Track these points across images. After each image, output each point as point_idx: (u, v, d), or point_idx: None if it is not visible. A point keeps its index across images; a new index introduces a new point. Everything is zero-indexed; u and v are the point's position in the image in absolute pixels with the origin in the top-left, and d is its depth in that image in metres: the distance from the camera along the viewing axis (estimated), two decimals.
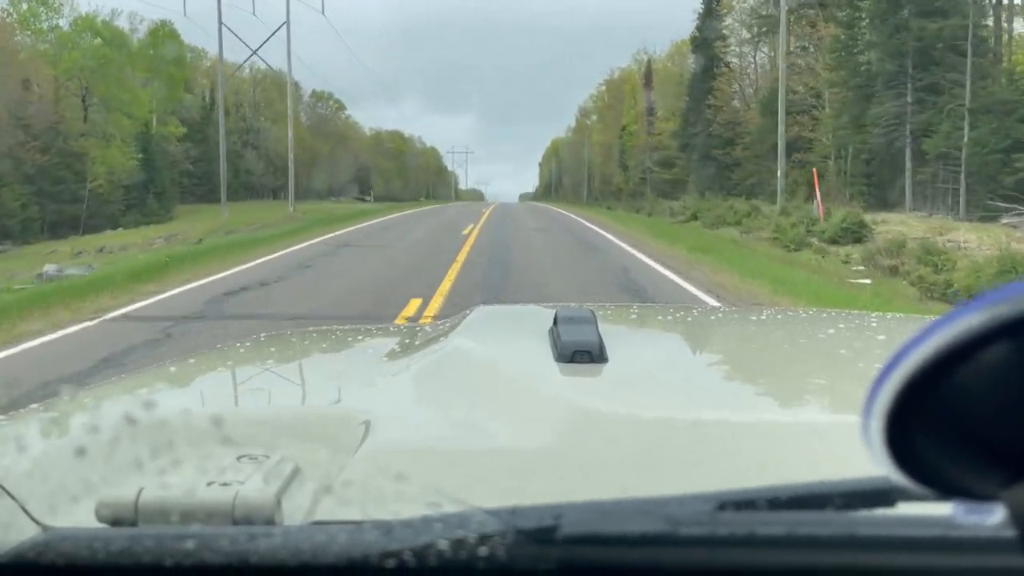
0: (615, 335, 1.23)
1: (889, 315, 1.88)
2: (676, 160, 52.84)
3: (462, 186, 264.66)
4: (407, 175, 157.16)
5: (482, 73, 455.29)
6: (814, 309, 2.37)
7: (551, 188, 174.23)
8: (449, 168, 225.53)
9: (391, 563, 0.53)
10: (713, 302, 10.15)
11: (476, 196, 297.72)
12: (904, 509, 0.53)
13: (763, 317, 1.90)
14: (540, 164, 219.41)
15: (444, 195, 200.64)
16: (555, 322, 1.22)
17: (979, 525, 0.43)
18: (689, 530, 0.53)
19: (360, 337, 1.61)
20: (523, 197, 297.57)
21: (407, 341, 1.42)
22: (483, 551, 0.53)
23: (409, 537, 0.53)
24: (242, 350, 1.50)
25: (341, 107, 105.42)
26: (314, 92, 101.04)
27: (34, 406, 1.10)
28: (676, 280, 12.66)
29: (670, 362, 1.36)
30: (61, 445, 0.83)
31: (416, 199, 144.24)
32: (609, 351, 1.11)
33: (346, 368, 1.39)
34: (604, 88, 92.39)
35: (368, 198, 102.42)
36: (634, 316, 1.90)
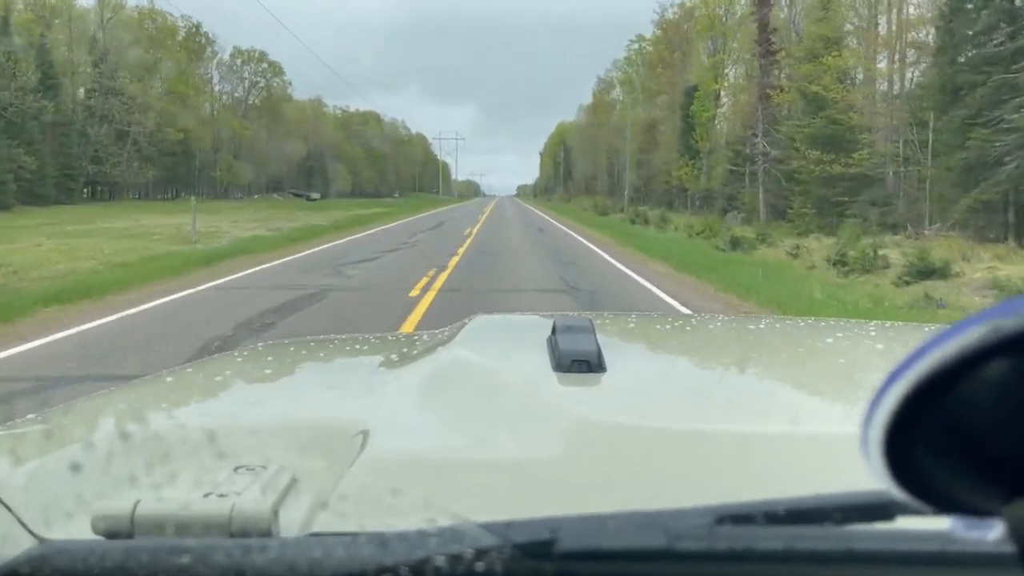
0: (613, 344, 1.26)
1: (888, 324, 1.85)
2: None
3: (455, 177, 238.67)
4: (384, 165, 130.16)
5: (480, 63, 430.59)
6: (813, 318, 2.19)
7: (556, 182, 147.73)
8: (439, 158, 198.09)
9: None
10: None
11: (471, 189, 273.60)
12: (903, 523, 0.52)
13: (762, 326, 1.87)
14: (541, 154, 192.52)
15: (434, 187, 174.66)
16: (553, 331, 1.22)
17: (978, 540, 0.43)
18: (687, 544, 0.53)
19: (358, 347, 1.59)
20: (522, 190, 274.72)
21: (405, 351, 1.41)
22: (479, 566, 0.53)
23: (405, 551, 0.53)
24: (239, 360, 1.48)
25: (278, 72, 77.56)
26: (237, 49, 73.32)
27: (30, 417, 1.09)
28: None
29: (668, 372, 1.35)
30: (57, 457, 0.83)
31: (392, 194, 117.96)
32: (607, 360, 1.12)
33: (344, 378, 1.36)
34: (640, 46, 65.56)
35: (314, 195, 75.70)
36: (632, 325, 1.85)
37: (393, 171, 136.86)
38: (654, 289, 11.80)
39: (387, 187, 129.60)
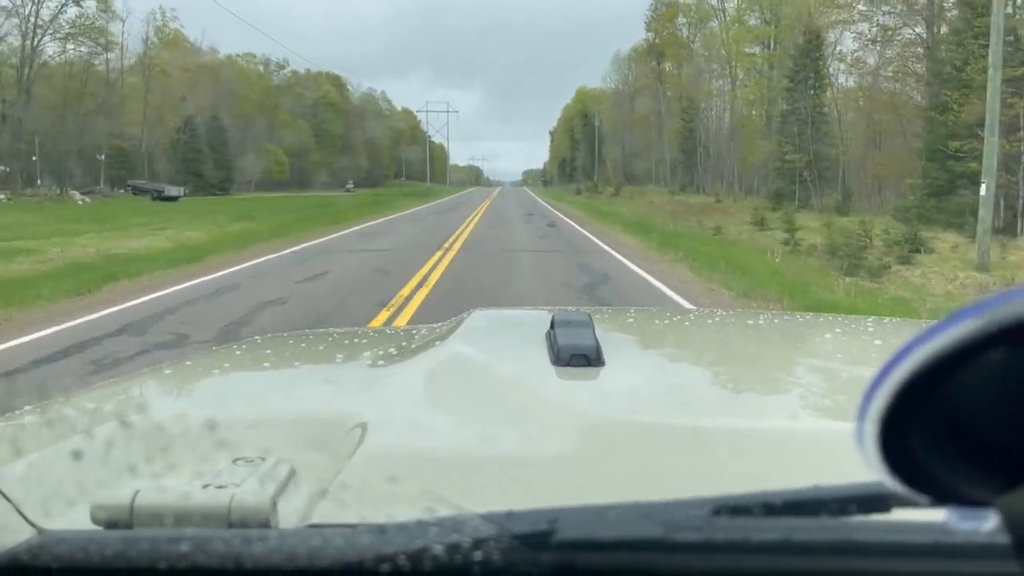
0: (612, 339, 1.26)
1: (886, 319, 1.87)
2: None
3: (454, 162, 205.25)
4: (352, 144, 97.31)
5: (482, 44, 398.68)
6: (811, 314, 2.20)
7: (572, 166, 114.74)
8: (433, 139, 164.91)
9: (386, 567, 0.53)
10: None
11: (472, 176, 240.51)
12: (899, 515, 0.52)
13: (760, 321, 1.86)
14: (552, 133, 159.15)
15: (421, 174, 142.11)
16: (552, 325, 1.22)
17: (973, 531, 0.43)
18: (684, 535, 0.54)
19: (356, 340, 1.60)
20: (528, 176, 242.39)
21: (404, 344, 1.40)
22: (478, 555, 0.53)
23: (404, 541, 0.54)
24: (238, 352, 1.48)
25: None
26: None
27: (29, 408, 1.09)
28: None
29: (667, 366, 1.35)
30: (57, 448, 0.84)
31: (346, 185, 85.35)
32: (606, 355, 1.12)
33: (343, 371, 1.36)
34: None
35: (173, 191, 43.68)
36: (631, 320, 1.83)
37: (366, 154, 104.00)
38: None
39: (353, 174, 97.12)
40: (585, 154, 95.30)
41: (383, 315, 8.32)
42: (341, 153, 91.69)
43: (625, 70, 72.76)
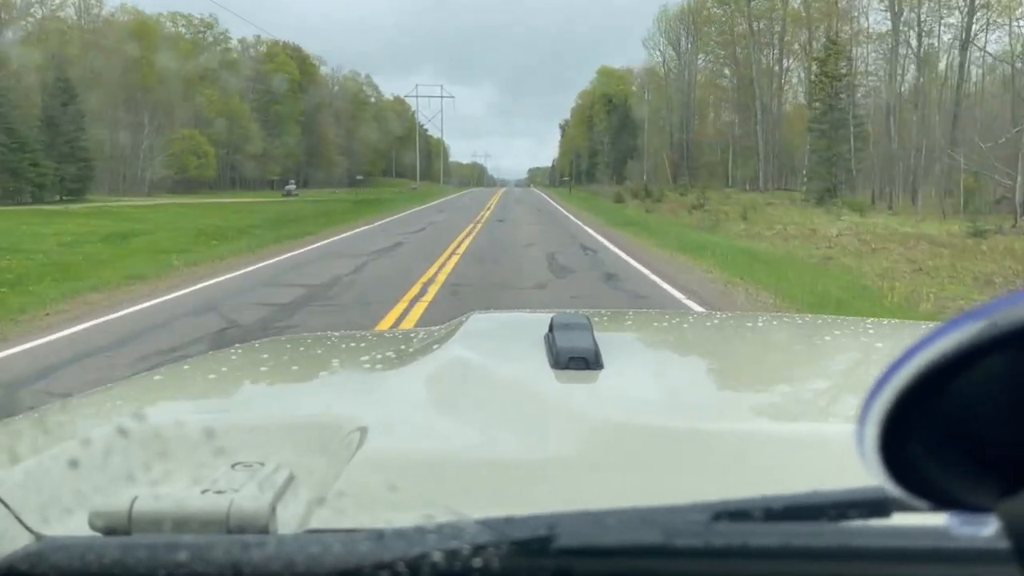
0: (610, 342, 1.25)
1: (885, 321, 1.87)
2: None
3: (455, 159, 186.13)
4: (323, 134, 77.87)
5: (487, 39, 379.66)
6: (810, 316, 2.27)
7: (590, 164, 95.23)
8: (432, 134, 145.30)
9: (384, 574, 0.53)
10: None
11: (475, 174, 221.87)
12: (899, 520, 0.52)
13: (759, 324, 1.87)
14: (563, 127, 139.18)
15: (412, 173, 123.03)
16: (551, 328, 1.22)
17: (974, 536, 0.43)
18: (684, 541, 0.54)
19: (355, 344, 1.58)
20: (535, 174, 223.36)
21: (402, 348, 1.41)
22: (477, 562, 0.53)
23: (403, 547, 0.54)
24: (234, 357, 1.48)
25: None
26: None
27: (27, 414, 1.10)
28: None
29: (666, 369, 1.36)
30: (55, 454, 0.84)
31: (287, 186, 65.20)
32: (605, 358, 1.12)
33: (341, 375, 1.36)
34: None
35: None
36: (629, 322, 1.86)
37: (341, 147, 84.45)
38: None
39: (330, 171, 77.93)
40: (612, 147, 75.43)
41: None
42: (302, 145, 72.04)
43: (678, 30, 52.71)
